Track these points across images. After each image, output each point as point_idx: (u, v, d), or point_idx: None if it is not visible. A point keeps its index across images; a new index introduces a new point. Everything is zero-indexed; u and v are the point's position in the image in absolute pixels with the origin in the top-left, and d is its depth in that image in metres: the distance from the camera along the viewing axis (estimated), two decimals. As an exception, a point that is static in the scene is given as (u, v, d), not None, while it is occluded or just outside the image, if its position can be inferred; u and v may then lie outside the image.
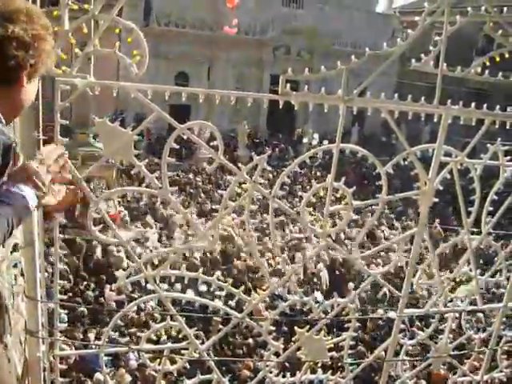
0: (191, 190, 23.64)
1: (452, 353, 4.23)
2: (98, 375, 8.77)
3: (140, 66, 2.75)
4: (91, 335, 10.45)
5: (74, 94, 2.87)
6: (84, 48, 2.78)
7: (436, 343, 4.30)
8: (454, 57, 3.70)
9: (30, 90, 1.90)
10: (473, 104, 3.45)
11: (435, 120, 3.40)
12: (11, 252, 3.85)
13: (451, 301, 4.03)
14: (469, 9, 3.22)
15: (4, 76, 1.76)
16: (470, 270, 4.06)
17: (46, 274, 3.61)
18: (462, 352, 4.73)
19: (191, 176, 25.61)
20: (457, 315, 4.29)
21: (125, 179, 21.07)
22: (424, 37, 3.54)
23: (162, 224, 18.52)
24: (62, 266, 3.31)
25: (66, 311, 10.51)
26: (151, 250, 14.69)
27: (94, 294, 12.62)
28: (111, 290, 12.41)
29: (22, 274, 3.33)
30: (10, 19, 1.72)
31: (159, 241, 16.72)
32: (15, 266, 3.81)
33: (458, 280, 4.13)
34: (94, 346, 4.03)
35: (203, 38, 34.20)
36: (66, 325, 10.58)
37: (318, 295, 13.62)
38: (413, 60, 3.22)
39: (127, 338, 10.51)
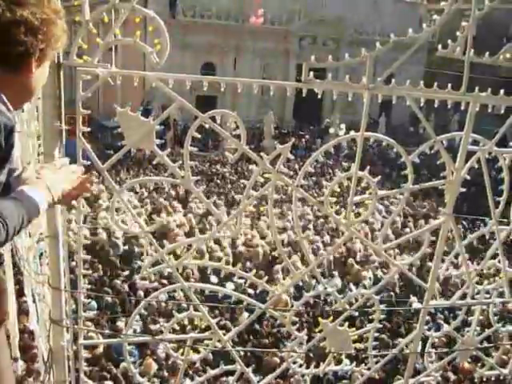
0: (218, 181, 23.67)
1: (479, 346, 4.16)
2: (123, 364, 8.83)
3: (161, 54, 2.74)
4: (120, 324, 10.46)
5: (96, 83, 2.88)
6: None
7: (463, 336, 4.23)
8: (485, 45, 3.60)
9: (40, 75, 1.84)
10: (501, 91, 3.35)
11: (463, 108, 3.31)
12: (37, 242, 3.90)
13: (478, 293, 3.95)
14: (497, -6, 3.12)
15: (12, 62, 1.70)
16: (499, 262, 3.97)
17: (74, 263, 3.63)
18: (490, 345, 4.65)
19: (218, 167, 25.65)
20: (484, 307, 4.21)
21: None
22: (453, 25, 3.46)
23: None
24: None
25: (91, 300, 10.68)
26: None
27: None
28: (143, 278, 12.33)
29: (48, 264, 3.36)
30: (18, 3, 1.65)
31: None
32: (41, 255, 3.86)
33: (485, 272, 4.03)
34: (121, 336, 4.06)
35: (229, 29, 34.19)
36: (95, 313, 10.68)
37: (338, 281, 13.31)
38: (439, 46, 3.13)
39: (157, 326, 10.49)
